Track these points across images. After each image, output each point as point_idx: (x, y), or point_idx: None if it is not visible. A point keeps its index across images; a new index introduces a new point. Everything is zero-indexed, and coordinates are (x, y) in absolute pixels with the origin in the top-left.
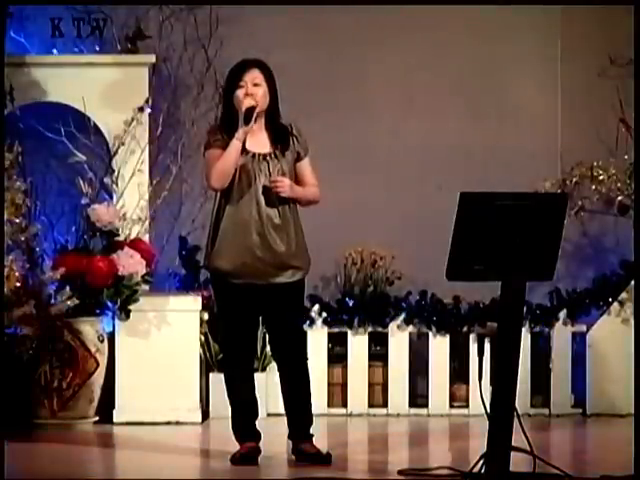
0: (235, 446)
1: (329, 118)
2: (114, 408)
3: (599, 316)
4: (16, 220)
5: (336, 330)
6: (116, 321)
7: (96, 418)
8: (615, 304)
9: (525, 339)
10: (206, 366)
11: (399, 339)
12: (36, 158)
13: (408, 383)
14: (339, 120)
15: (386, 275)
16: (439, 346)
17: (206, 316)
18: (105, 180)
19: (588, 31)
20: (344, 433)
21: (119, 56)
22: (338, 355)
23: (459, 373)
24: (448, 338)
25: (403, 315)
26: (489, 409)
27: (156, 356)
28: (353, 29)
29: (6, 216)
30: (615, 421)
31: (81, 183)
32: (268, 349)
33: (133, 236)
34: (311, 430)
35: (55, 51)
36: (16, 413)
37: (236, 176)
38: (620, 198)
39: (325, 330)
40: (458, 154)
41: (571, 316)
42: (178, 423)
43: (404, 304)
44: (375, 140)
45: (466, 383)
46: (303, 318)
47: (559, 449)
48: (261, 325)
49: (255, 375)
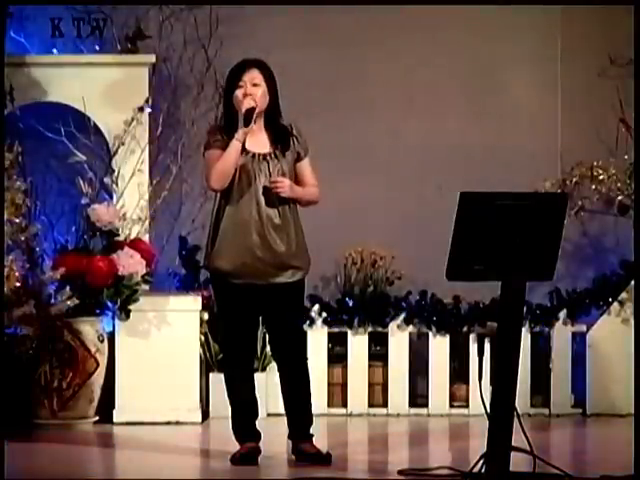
0: (235, 446)
1: (329, 118)
2: (114, 408)
3: (599, 316)
4: (16, 220)
5: (336, 330)
6: (116, 321)
7: (96, 418)
8: (615, 304)
9: (525, 339)
10: (206, 366)
11: (399, 339)
12: (36, 158)
13: (408, 383)
14: (339, 120)
15: (386, 275)
16: (439, 346)
17: (206, 316)
18: (105, 180)
19: (588, 31)
20: (344, 433)
21: (119, 56)
22: (338, 355)
23: (459, 373)
24: (448, 338)
25: (403, 315)
26: (489, 409)
27: (156, 356)
28: (353, 29)
29: (6, 216)
30: (615, 421)
31: (81, 183)
32: (268, 349)
33: (133, 236)
34: (311, 430)
35: (55, 51)
36: (16, 413)
37: (236, 176)
38: (620, 198)
39: (325, 330)
40: (458, 154)
41: (571, 316)
42: (178, 423)
43: (404, 304)
44: (375, 140)
45: (466, 383)
46: (303, 318)
47: (559, 449)
48: (261, 325)
49: (255, 375)
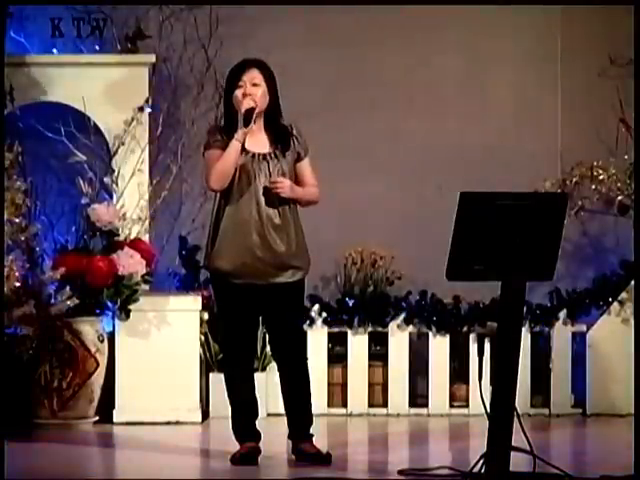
0: (235, 446)
1: (329, 118)
2: (114, 408)
3: (599, 316)
4: (16, 220)
5: (336, 330)
6: (116, 321)
7: (96, 418)
8: (615, 304)
9: (525, 339)
10: (206, 366)
11: (399, 339)
12: (36, 158)
13: (408, 383)
14: (339, 120)
15: (386, 275)
16: (439, 346)
17: (206, 316)
18: (105, 180)
19: (588, 31)
20: (344, 433)
21: (119, 56)
22: (338, 355)
23: (459, 373)
24: (448, 338)
25: (403, 315)
26: (489, 409)
27: (156, 356)
28: (353, 29)
29: (6, 216)
30: (615, 421)
31: (81, 183)
32: (268, 349)
33: (133, 236)
34: (311, 430)
35: (55, 51)
36: (16, 413)
37: (236, 176)
38: (620, 198)
39: (325, 330)
40: (458, 154)
41: (571, 316)
42: (178, 423)
43: (404, 304)
44: (375, 140)
45: (466, 383)
46: (303, 318)
47: (559, 449)
48: (261, 325)
49: (255, 375)
